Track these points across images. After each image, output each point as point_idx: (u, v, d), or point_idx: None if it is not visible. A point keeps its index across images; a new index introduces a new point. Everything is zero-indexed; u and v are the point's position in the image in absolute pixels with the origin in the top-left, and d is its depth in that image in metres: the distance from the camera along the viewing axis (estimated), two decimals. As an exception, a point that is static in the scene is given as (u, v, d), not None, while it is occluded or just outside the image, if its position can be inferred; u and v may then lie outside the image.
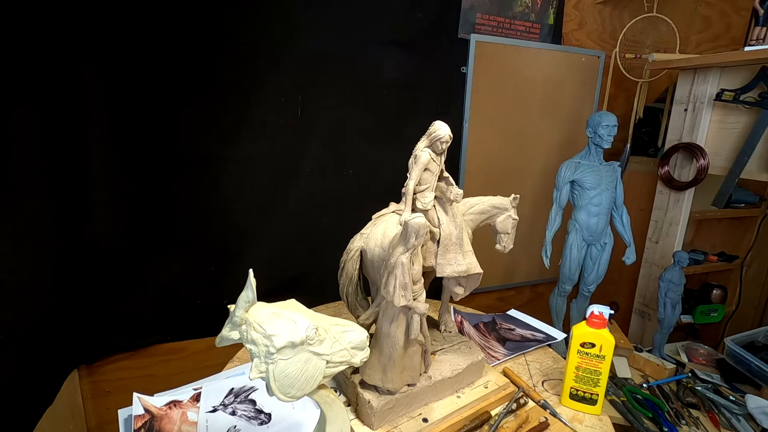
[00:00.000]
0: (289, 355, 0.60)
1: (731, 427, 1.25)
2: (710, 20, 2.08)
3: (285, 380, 0.61)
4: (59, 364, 1.25)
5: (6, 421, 1.02)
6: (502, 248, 1.01)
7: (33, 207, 1.09)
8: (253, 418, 0.91)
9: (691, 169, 1.59)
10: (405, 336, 0.80)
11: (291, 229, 1.48)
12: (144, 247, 1.31)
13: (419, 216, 0.71)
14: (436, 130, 0.82)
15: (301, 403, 0.92)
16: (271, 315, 0.61)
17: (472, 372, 0.97)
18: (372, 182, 1.55)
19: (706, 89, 1.52)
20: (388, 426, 0.84)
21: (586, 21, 1.85)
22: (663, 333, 1.57)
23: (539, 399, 0.96)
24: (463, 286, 0.91)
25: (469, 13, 1.58)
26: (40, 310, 1.13)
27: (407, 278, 0.73)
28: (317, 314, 0.67)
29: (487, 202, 0.99)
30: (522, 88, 1.76)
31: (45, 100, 1.09)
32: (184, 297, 1.40)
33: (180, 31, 1.21)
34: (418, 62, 1.53)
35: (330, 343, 0.64)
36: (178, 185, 1.31)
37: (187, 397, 0.95)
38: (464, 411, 0.88)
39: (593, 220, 1.49)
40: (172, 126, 1.26)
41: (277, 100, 1.36)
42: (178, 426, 0.88)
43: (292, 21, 1.32)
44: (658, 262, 1.74)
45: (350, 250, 0.91)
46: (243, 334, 0.60)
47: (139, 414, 0.88)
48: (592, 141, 1.46)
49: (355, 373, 0.87)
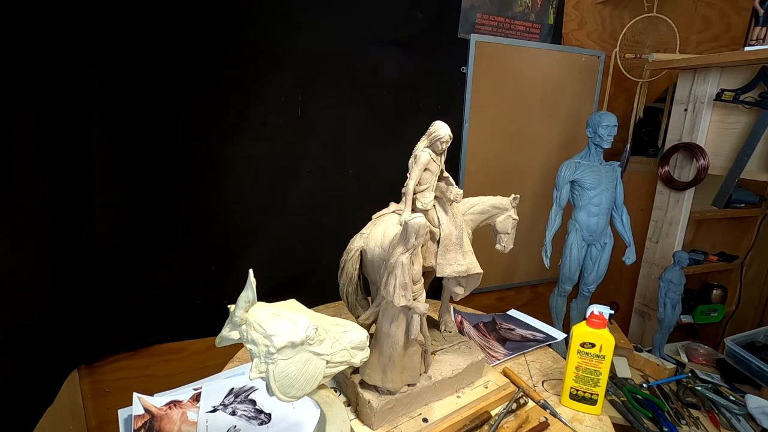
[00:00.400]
0: (289, 355, 0.60)
1: (731, 427, 1.25)
2: (710, 20, 2.08)
3: (285, 380, 0.61)
4: (59, 364, 1.25)
5: (6, 421, 1.02)
6: (502, 248, 1.01)
7: (33, 207, 1.09)
8: (253, 418, 0.91)
9: (691, 169, 1.59)
10: (405, 336, 0.80)
11: (291, 229, 1.48)
12: (144, 247, 1.31)
13: (419, 216, 0.71)
14: (436, 130, 0.82)
15: (301, 403, 0.92)
16: (271, 315, 0.61)
17: (472, 372, 0.97)
18: (372, 182, 1.55)
19: (706, 89, 1.52)
20: (388, 426, 0.84)
21: (586, 21, 1.85)
22: (663, 333, 1.57)
23: (539, 399, 0.96)
24: (463, 286, 0.91)
25: (469, 13, 1.58)
26: (40, 310, 1.13)
27: (407, 278, 0.73)
28: (317, 314, 0.67)
29: (487, 202, 0.99)
30: (522, 88, 1.76)
31: (45, 100, 1.09)
32: (184, 297, 1.40)
33: (180, 31, 1.21)
34: (418, 62, 1.53)
35: (330, 343, 0.64)
36: (178, 185, 1.31)
37: (187, 397, 0.95)
38: (464, 411, 0.88)
39: (593, 220, 1.49)
40: (172, 126, 1.26)
41: (277, 100, 1.36)
42: (178, 426, 0.88)
43: (292, 21, 1.32)
44: (658, 262, 1.74)
45: (350, 250, 0.91)
46: (243, 334, 0.60)
47: (139, 414, 0.88)
48: (592, 141, 1.46)
49: (355, 373, 0.87)
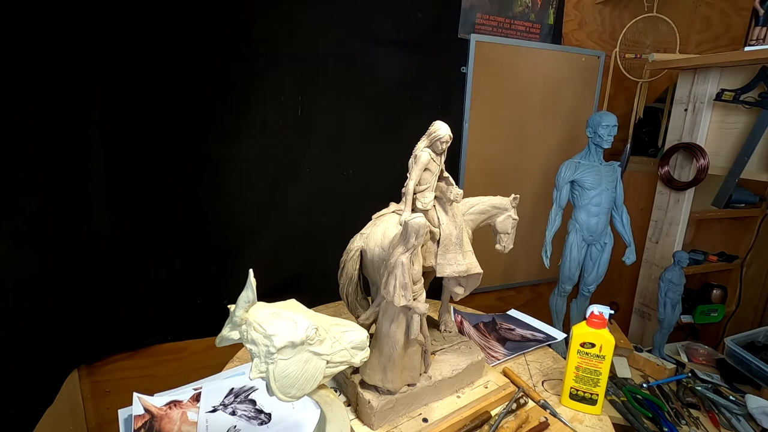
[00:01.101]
0: (289, 355, 0.60)
1: (731, 427, 1.25)
2: (710, 20, 2.08)
3: (285, 380, 0.61)
4: (59, 364, 1.25)
5: (6, 421, 1.02)
6: (502, 248, 1.01)
7: (33, 207, 1.09)
8: (253, 418, 0.91)
9: (691, 169, 1.59)
10: (405, 336, 0.80)
11: (291, 229, 1.48)
12: (144, 246, 1.31)
13: (419, 216, 0.71)
14: (435, 130, 0.82)
15: (301, 403, 0.92)
16: (271, 315, 0.61)
17: (472, 372, 0.97)
18: (372, 182, 1.55)
19: (706, 89, 1.52)
20: (388, 426, 0.84)
21: (586, 21, 1.85)
22: (663, 333, 1.57)
23: (539, 399, 0.96)
24: (463, 286, 0.91)
25: (469, 13, 1.58)
26: (40, 310, 1.13)
27: (407, 278, 0.73)
28: (317, 314, 0.67)
29: (487, 202, 0.99)
30: (522, 88, 1.76)
31: (45, 100, 1.09)
32: (184, 297, 1.40)
33: (180, 30, 1.21)
34: (419, 62, 1.53)
35: (330, 343, 0.64)
36: (178, 185, 1.31)
37: (187, 397, 0.95)
38: (464, 411, 0.88)
39: (593, 220, 1.49)
40: (173, 126, 1.26)
41: (277, 100, 1.36)
42: (178, 426, 0.88)
43: (292, 21, 1.32)
44: (658, 262, 1.74)
45: (350, 250, 0.91)
46: (243, 334, 0.60)
47: (139, 414, 0.88)
48: (592, 141, 1.46)
49: (355, 373, 0.87)
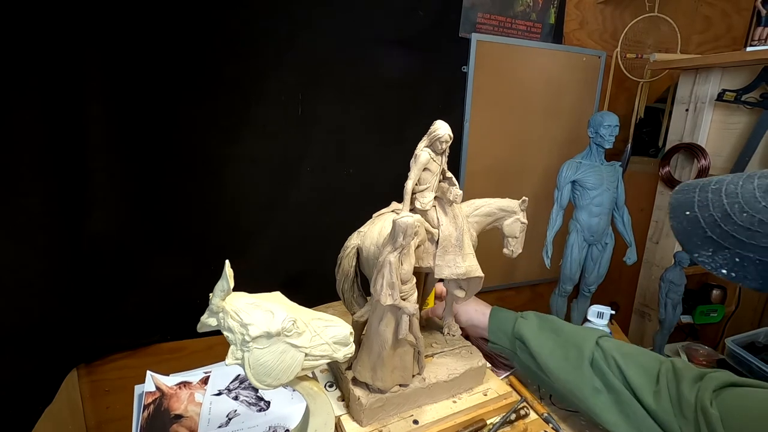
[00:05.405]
0: (265, 345, 0.61)
1: (731, 428, 1.25)
2: (711, 20, 2.08)
3: (260, 368, 0.62)
4: (58, 363, 1.24)
5: (5, 420, 1.01)
6: (509, 252, 0.97)
7: (34, 206, 1.09)
8: (253, 404, 0.96)
9: (692, 170, 1.59)
10: (394, 336, 0.80)
11: (292, 228, 1.47)
12: (144, 246, 1.31)
13: (408, 215, 0.70)
14: (435, 129, 0.81)
15: (300, 395, 0.94)
16: (249, 305, 0.63)
17: (471, 378, 0.95)
18: (373, 182, 1.54)
19: (707, 89, 1.52)
20: (377, 424, 0.84)
21: (587, 21, 1.84)
22: (663, 333, 1.56)
23: (543, 412, 0.93)
24: (464, 290, 0.90)
25: (470, 12, 1.58)
26: (39, 309, 1.13)
27: (395, 278, 0.72)
28: (300, 307, 0.67)
29: (494, 204, 0.96)
30: (523, 88, 1.76)
31: (46, 99, 1.08)
32: (184, 296, 1.38)
33: (181, 30, 1.20)
34: (419, 61, 1.52)
35: (309, 337, 0.65)
36: (178, 184, 1.30)
37: (197, 379, 1.01)
38: (458, 417, 0.87)
39: (594, 220, 1.49)
40: (173, 125, 1.26)
41: (277, 99, 1.35)
42: (185, 405, 0.94)
43: (292, 20, 1.32)
44: (658, 263, 1.74)
45: (347, 247, 0.91)
46: (220, 321, 0.62)
47: (150, 391, 0.96)
48: (593, 141, 1.46)
49: (350, 369, 0.87)
